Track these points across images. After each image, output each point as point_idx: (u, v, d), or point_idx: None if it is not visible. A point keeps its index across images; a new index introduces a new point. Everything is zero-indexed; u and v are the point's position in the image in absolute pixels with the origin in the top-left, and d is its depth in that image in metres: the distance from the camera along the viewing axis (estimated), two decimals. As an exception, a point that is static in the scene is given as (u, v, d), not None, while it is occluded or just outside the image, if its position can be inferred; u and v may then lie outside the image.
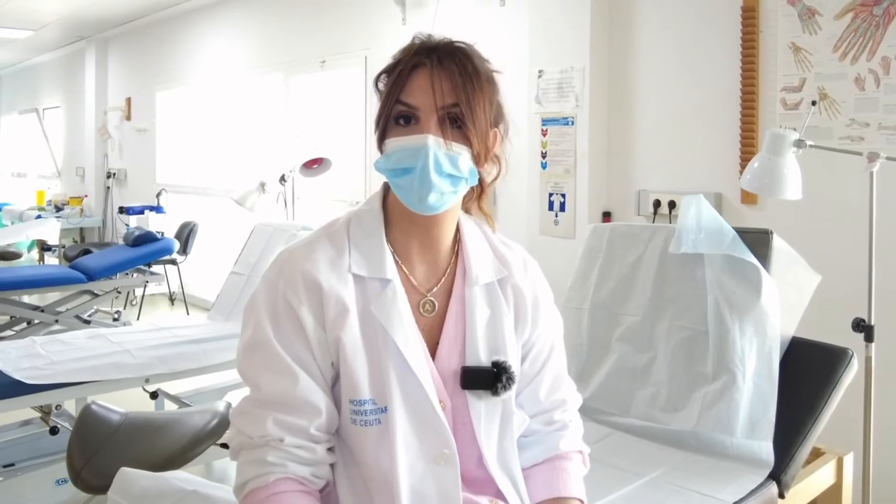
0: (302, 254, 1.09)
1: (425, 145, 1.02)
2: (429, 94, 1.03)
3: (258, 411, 1.04)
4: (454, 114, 1.03)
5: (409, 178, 1.03)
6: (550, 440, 1.19)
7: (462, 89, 1.03)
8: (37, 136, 9.56)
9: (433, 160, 1.02)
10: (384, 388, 1.05)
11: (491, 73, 1.10)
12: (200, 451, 1.85)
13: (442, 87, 1.03)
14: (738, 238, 1.92)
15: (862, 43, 2.58)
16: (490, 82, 1.08)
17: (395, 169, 1.05)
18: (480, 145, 1.06)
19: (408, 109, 1.04)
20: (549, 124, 3.39)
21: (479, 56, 1.09)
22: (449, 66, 1.04)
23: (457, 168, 1.04)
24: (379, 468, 1.04)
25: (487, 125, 1.07)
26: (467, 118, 1.03)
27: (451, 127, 1.04)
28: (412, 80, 1.04)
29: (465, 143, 1.04)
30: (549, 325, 1.22)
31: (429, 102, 1.03)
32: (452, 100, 1.03)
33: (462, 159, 1.04)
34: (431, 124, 1.03)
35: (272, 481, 1.01)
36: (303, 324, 1.05)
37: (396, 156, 1.04)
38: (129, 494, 1.35)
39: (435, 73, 1.03)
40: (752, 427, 1.79)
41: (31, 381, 2.48)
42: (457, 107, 1.03)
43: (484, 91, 1.06)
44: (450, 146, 1.03)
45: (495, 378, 1.09)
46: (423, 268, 1.13)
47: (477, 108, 1.04)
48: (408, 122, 1.05)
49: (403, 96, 1.04)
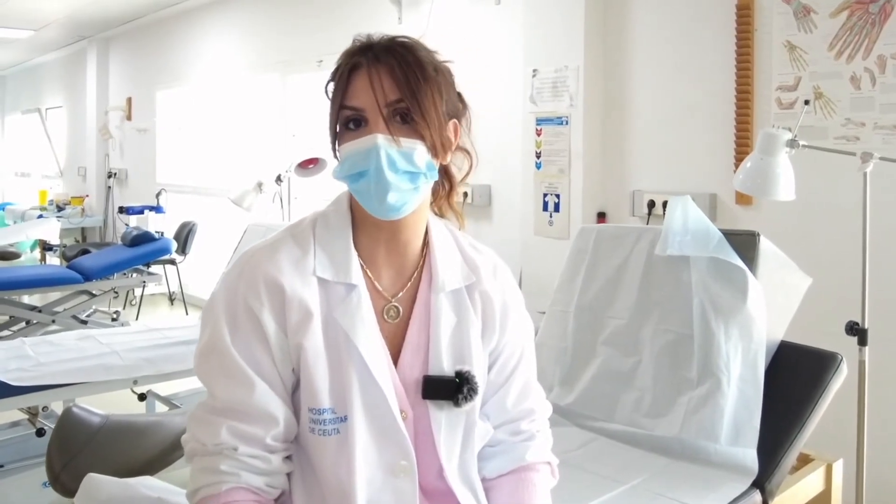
0: (265, 255, 1.05)
1: (375, 145, 0.98)
2: (370, 93, 0.99)
3: (213, 418, 1.02)
4: (401, 109, 1.00)
5: (365, 182, 1.00)
6: (517, 451, 1.16)
7: (404, 83, 0.99)
8: (39, 135, 9.60)
9: (386, 159, 0.98)
10: (345, 396, 1.02)
11: (439, 63, 1.05)
12: (181, 454, 1.83)
13: (382, 85, 0.99)
14: (724, 240, 1.89)
15: (858, 41, 2.54)
16: (439, 72, 1.04)
17: (350, 174, 1.01)
18: (435, 137, 1.02)
19: (354, 112, 1.01)
20: (544, 124, 3.36)
21: (423, 48, 1.05)
22: (387, 62, 1.00)
23: (412, 163, 1.00)
24: (336, 479, 1.02)
25: (440, 116, 1.03)
26: (415, 112, 1.00)
27: (400, 123, 1.00)
28: (352, 81, 1.01)
29: (416, 138, 1.01)
30: (518, 332, 1.18)
31: (371, 102, 0.99)
32: (395, 95, 0.99)
33: (417, 154, 1.00)
34: (380, 123, 0.99)
35: (224, 490, 0.99)
36: (264, 328, 1.01)
37: (349, 161, 1.01)
38: (95, 501, 1.32)
39: (373, 70, 1.00)
40: (736, 434, 1.75)
41: (17, 382, 2.47)
42: (401, 102, 0.99)
43: (430, 81, 1.01)
44: (400, 142, 0.99)
45: (457, 388, 1.05)
46: (389, 272, 1.10)
47: (424, 100, 1.00)
48: (357, 126, 1.01)
49: (346, 100, 1.01)
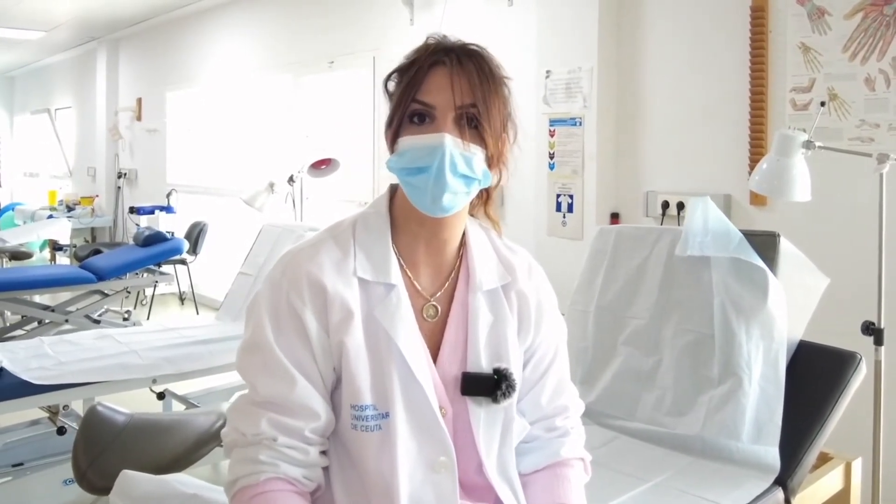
0: (306, 255, 1.07)
1: (442, 144, 1.00)
2: (447, 92, 1.02)
3: (254, 409, 1.04)
4: (471, 114, 1.02)
5: (423, 178, 1.01)
6: (551, 447, 1.18)
7: (480, 89, 1.02)
8: (49, 136, 9.64)
9: (449, 159, 1.00)
10: (386, 393, 1.04)
11: (504, 78, 1.09)
12: (206, 452, 1.85)
13: (461, 87, 1.02)
14: (744, 241, 1.91)
15: (872, 43, 2.55)
16: (504, 86, 1.08)
17: (408, 168, 1.03)
18: (495, 147, 1.05)
19: (424, 108, 1.03)
20: (557, 125, 3.37)
21: (494, 60, 1.08)
22: (468, 66, 1.03)
23: (471, 169, 1.03)
24: (379, 474, 1.03)
25: (502, 127, 1.06)
26: (483, 118, 1.02)
27: (467, 127, 1.03)
28: (430, 78, 1.03)
29: (480, 144, 1.03)
30: (553, 331, 1.20)
31: (447, 101, 1.02)
32: (470, 99, 1.02)
33: (476, 160, 1.03)
34: (448, 123, 1.01)
35: (263, 480, 1.01)
36: (306, 327, 1.04)
37: (410, 154, 1.02)
38: (130, 497, 1.34)
39: (454, 72, 1.02)
40: (758, 432, 1.77)
41: (38, 381, 2.49)
42: (474, 107, 1.02)
43: (499, 93, 1.06)
44: (466, 146, 1.01)
45: (496, 385, 1.08)
46: (427, 272, 1.12)
47: (493, 109, 1.03)
48: (422, 121, 1.03)
49: (420, 95, 1.03)
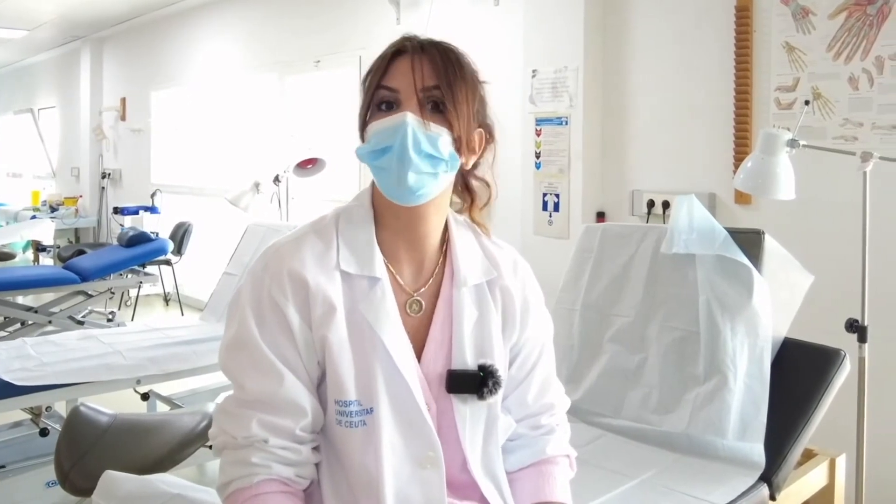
0: (288, 250, 1.07)
1: (404, 122, 1.01)
2: (409, 76, 1.03)
3: (243, 411, 1.03)
4: (435, 97, 1.04)
5: (388, 158, 1.02)
6: (537, 444, 1.18)
7: (443, 73, 1.04)
8: (32, 136, 9.55)
9: (412, 137, 1.01)
10: (370, 388, 1.03)
11: (476, 73, 1.10)
12: (190, 452, 1.84)
13: (422, 70, 1.03)
14: (729, 238, 1.91)
15: (856, 42, 2.57)
16: (476, 80, 1.09)
17: (374, 150, 1.04)
18: (462, 131, 1.05)
19: (389, 93, 1.04)
20: (543, 124, 3.38)
21: (465, 54, 1.09)
22: (430, 51, 1.05)
23: (436, 148, 1.03)
24: (364, 470, 1.03)
25: (470, 115, 1.07)
26: (447, 100, 1.03)
27: (431, 111, 1.04)
28: (393, 65, 1.06)
29: (445, 126, 1.04)
30: (539, 329, 1.20)
31: (408, 84, 1.03)
32: (433, 82, 1.03)
33: (442, 140, 1.03)
34: (412, 106, 1.03)
35: (256, 482, 1.00)
36: (289, 322, 1.03)
37: (376, 138, 1.04)
38: (114, 498, 1.34)
39: (416, 57, 1.04)
40: (743, 429, 1.78)
41: (21, 382, 2.47)
42: (437, 89, 1.03)
43: (467, 80, 1.06)
44: (428, 126, 1.02)
45: (481, 382, 1.07)
46: (410, 268, 1.12)
47: (458, 92, 1.04)
48: (389, 108, 1.05)
49: (385, 80, 1.05)
